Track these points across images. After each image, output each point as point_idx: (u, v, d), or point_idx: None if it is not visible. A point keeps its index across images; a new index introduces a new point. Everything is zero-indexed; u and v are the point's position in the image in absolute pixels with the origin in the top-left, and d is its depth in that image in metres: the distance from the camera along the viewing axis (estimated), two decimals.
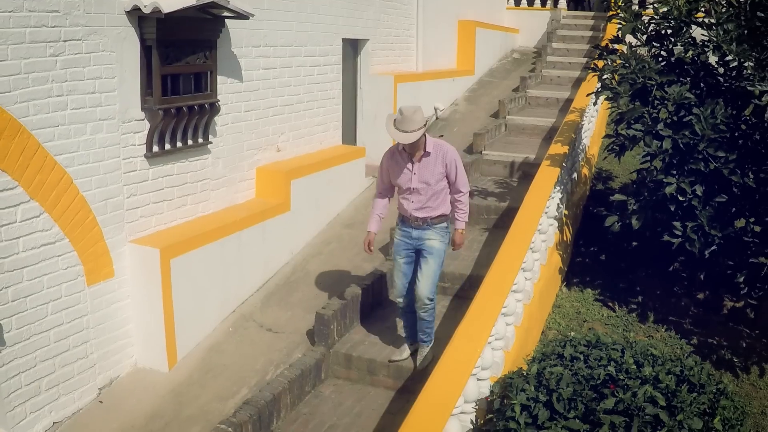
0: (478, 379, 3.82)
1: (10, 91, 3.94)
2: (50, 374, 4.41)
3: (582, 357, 3.62)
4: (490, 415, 3.65)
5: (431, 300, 4.40)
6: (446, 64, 10.25)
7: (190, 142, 5.17)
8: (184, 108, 4.93)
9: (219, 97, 5.34)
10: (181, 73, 4.91)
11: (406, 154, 4.31)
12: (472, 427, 3.74)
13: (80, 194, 4.41)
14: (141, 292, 4.80)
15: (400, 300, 4.58)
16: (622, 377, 3.41)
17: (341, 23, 7.25)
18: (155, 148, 4.87)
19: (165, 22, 4.59)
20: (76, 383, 4.59)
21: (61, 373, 4.48)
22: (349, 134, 7.90)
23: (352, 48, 7.90)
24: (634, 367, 3.48)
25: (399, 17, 8.75)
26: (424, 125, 4.14)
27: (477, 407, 3.78)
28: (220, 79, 5.36)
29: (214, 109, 5.26)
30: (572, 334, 4.37)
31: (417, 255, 4.45)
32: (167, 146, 4.97)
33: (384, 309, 5.39)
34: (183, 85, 4.95)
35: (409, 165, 4.32)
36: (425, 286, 4.35)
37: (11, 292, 4.11)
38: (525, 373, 3.65)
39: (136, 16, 4.61)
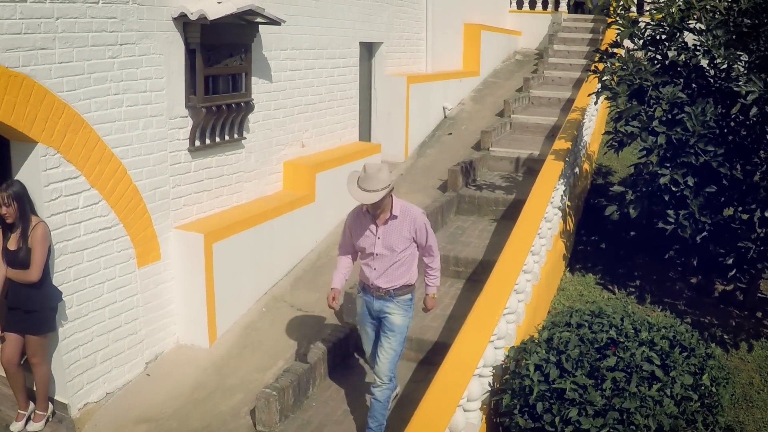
0: (495, 348, 4.30)
1: (75, 89, 4.42)
2: (104, 348, 4.88)
3: (587, 324, 4.10)
4: (506, 376, 4.13)
5: (390, 380, 4.10)
6: (453, 65, 10.74)
7: (227, 137, 5.65)
8: (223, 106, 5.41)
9: (252, 97, 5.81)
10: (220, 74, 5.39)
11: (370, 216, 3.99)
12: (489, 389, 4.23)
13: (133, 184, 4.89)
14: (185, 273, 5.27)
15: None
16: (622, 340, 3.90)
17: (358, 27, 7.74)
18: (197, 143, 5.35)
19: (208, 27, 5.07)
20: (127, 357, 5.07)
21: (113, 348, 4.95)
22: (365, 132, 8.39)
23: (367, 51, 8.39)
24: (633, 332, 3.97)
25: (410, 21, 9.24)
26: (389, 186, 3.82)
27: (494, 372, 4.26)
28: (253, 79, 5.84)
29: (249, 107, 5.74)
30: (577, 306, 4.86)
31: (379, 323, 4.18)
32: (207, 141, 5.45)
33: None
34: (222, 85, 5.43)
35: (373, 228, 4.00)
36: (384, 364, 4.06)
37: (73, 272, 4.59)
38: (537, 340, 4.13)
39: (181, 22, 5.09)
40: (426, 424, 3.40)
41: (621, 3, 5.63)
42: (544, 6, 13.89)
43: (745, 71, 5.35)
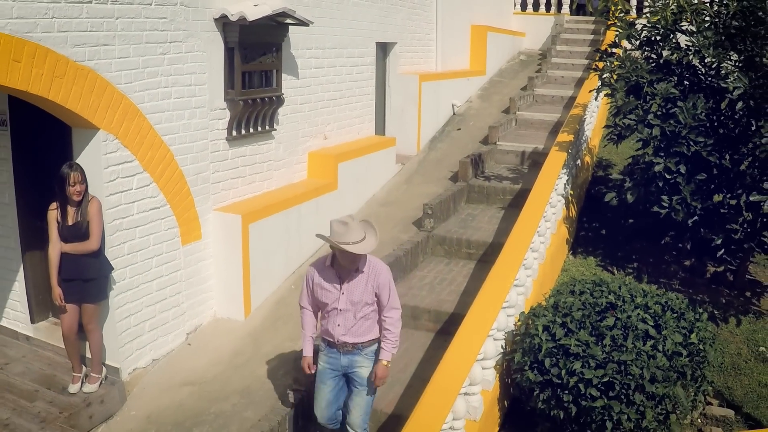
0: (507, 316, 4.82)
1: (131, 82, 4.94)
2: (151, 318, 5.40)
3: (588, 291, 4.62)
4: (517, 338, 4.65)
5: (364, 431, 4.09)
6: (461, 65, 11.27)
7: (259, 128, 6.18)
8: (257, 99, 5.93)
9: (282, 91, 6.34)
10: (255, 70, 5.92)
11: (333, 270, 3.90)
12: (502, 351, 4.74)
13: (179, 168, 5.41)
14: (223, 252, 5.79)
15: (322, 425, 4.24)
16: (619, 304, 4.42)
17: (374, 28, 8.27)
18: (234, 133, 5.87)
19: (245, 28, 5.59)
20: (170, 327, 5.58)
21: (159, 318, 5.46)
22: (380, 126, 8.92)
23: (382, 50, 8.91)
24: (629, 297, 4.49)
25: (421, 23, 9.77)
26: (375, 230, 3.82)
27: (506, 337, 4.78)
28: (283, 76, 6.36)
29: (280, 101, 6.27)
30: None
31: (346, 379, 4.08)
32: (243, 131, 5.97)
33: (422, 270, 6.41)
34: (256, 80, 5.96)
35: (337, 283, 3.90)
36: (358, 417, 4.01)
37: (127, 247, 5.11)
38: (544, 305, 4.65)
39: (221, 22, 5.61)
40: (449, 374, 3.92)
41: (619, 6, 6.14)
42: (548, 8, 14.42)
43: (735, 69, 5.87)
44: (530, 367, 4.36)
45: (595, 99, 7.21)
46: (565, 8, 14.11)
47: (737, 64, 5.94)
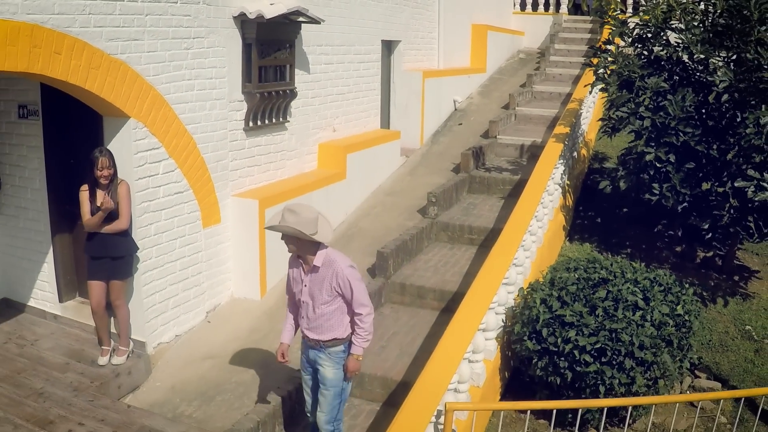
0: (507, 292, 5.19)
1: (159, 74, 5.31)
2: (175, 296, 5.76)
3: (582, 268, 5.00)
4: (517, 311, 5.02)
5: (333, 428, 4.06)
6: (462, 62, 11.65)
7: (274, 120, 6.55)
8: (272, 92, 6.31)
9: (295, 85, 6.71)
10: (270, 65, 6.29)
11: (299, 260, 3.92)
12: (503, 325, 5.11)
13: (201, 156, 5.78)
14: (241, 235, 6.16)
15: (309, 415, 4.29)
16: (611, 279, 4.80)
17: (380, 27, 8.65)
18: (251, 124, 6.24)
19: (262, 25, 5.96)
20: (191, 306, 5.94)
21: (182, 296, 5.83)
22: (385, 120, 9.30)
23: (387, 48, 9.29)
24: (620, 273, 4.86)
25: (424, 21, 10.15)
26: (297, 231, 3.68)
27: (506, 312, 5.15)
28: (295, 71, 6.73)
29: (293, 94, 6.64)
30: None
31: (315, 372, 4.10)
32: (259, 123, 6.34)
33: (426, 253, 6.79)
34: (271, 74, 6.33)
35: (303, 273, 3.91)
36: (322, 415, 4.00)
37: (153, 228, 5.47)
38: (542, 281, 5.02)
39: (240, 20, 5.98)
40: (454, 340, 4.28)
41: (612, 6, 6.53)
42: (546, 8, 14.82)
43: (722, 65, 6.25)
44: (529, 337, 4.74)
45: (590, 93, 7.59)
46: (563, 8, 14.50)
47: (726, 59, 6.32)
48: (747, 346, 6.11)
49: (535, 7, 14.79)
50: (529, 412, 4.55)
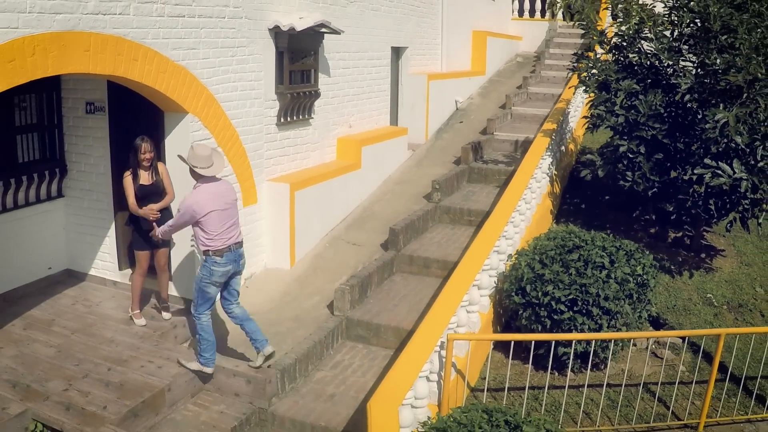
0: (499, 260, 6.23)
1: (210, 77, 6.38)
2: None
3: (560, 237, 6.05)
4: (506, 273, 6.07)
5: (194, 316, 5.45)
6: (463, 66, 12.71)
7: (300, 117, 7.62)
8: (300, 93, 7.38)
9: (319, 87, 7.78)
10: (298, 69, 7.37)
11: None
12: (495, 286, 6.16)
13: (242, 146, 6.85)
14: (274, 214, 7.22)
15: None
16: (582, 244, 5.84)
17: (390, 35, 9.72)
18: (282, 120, 7.31)
19: (293, 36, 7.03)
20: None
21: None
22: (393, 118, 10.37)
23: (395, 54, 10.36)
24: (591, 240, 5.91)
25: (429, 29, 11.22)
26: (191, 164, 5.19)
27: (498, 276, 6.19)
28: (318, 74, 7.79)
29: (317, 94, 7.71)
30: None
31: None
32: (288, 119, 7.41)
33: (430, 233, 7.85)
34: (299, 78, 7.40)
35: None
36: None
37: None
38: (527, 249, 6.08)
39: (274, 32, 7.05)
40: (450, 296, 5.32)
41: (590, 17, 7.57)
42: (543, 14, 15.86)
43: (688, 69, 7.29)
44: (516, 293, 5.78)
45: (574, 95, 8.63)
46: (559, 15, 15.50)
47: (695, 65, 7.36)
48: (707, 310, 7.14)
49: (532, 13, 15.84)
50: (512, 346, 5.59)
